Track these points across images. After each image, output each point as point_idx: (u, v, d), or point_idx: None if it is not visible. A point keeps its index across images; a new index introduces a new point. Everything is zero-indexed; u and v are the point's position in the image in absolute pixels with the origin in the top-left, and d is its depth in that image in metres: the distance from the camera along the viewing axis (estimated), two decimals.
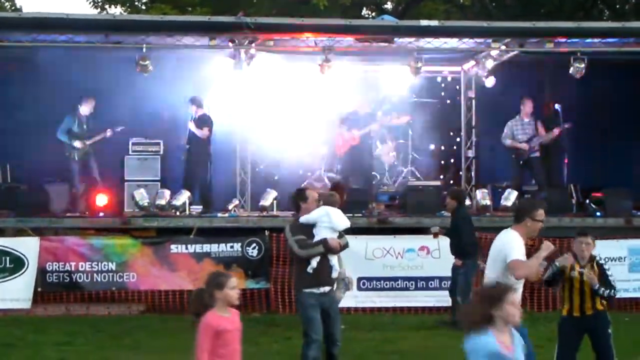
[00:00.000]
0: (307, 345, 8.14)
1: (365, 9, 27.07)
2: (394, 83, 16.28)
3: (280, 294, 12.48)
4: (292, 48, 13.78)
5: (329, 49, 13.32)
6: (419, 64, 13.29)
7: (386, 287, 12.70)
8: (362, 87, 16.25)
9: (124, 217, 13.43)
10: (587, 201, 14.20)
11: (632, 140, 15.87)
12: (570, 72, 13.31)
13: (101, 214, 13.61)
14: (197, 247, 12.67)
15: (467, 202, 13.01)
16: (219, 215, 13.58)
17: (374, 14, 26.37)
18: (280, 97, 16.58)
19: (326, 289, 8.34)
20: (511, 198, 13.95)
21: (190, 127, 14.55)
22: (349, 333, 10.07)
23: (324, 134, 16.32)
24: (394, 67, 15.31)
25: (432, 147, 17.01)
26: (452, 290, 11.55)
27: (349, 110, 16.01)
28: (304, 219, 8.45)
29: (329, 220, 8.42)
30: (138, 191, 13.79)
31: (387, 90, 16.87)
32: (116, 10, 25.41)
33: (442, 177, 16.56)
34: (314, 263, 8.24)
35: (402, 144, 16.48)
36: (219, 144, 14.98)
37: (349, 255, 9.88)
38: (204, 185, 14.50)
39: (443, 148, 17.05)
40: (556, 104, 15.16)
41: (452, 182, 16.39)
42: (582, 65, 13.22)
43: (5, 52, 13.37)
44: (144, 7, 25.40)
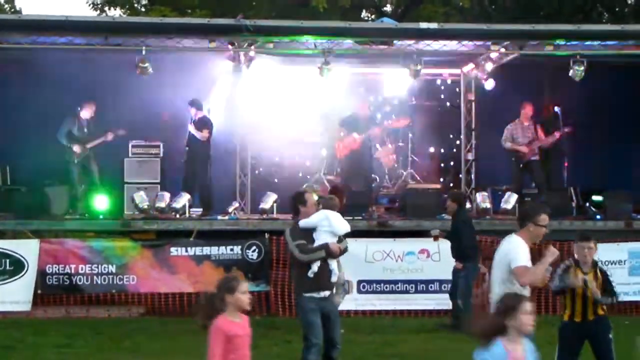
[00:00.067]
0: (308, 350, 8.12)
1: (364, 11, 27.09)
2: (394, 86, 16.28)
3: (280, 296, 12.47)
4: (292, 50, 13.76)
5: (329, 52, 13.32)
6: (419, 67, 13.28)
7: (386, 290, 12.69)
8: (362, 90, 16.26)
9: (124, 219, 13.42)
10: (587, 204, 14.20)
11: (631, 143, 15.86)
12: (570, 74, 13.30)
13: (101, 217, 13.61)
14: (197, 250, 12.66)
15: (467, 205, 13.01)
16: (219, 217, 13.56)
17: (373, 16, 26.37)
18: (280, 99, 16.59)
19: (326, 293, 8.31)
20: (511, 201, 13.93)
21: (190, 129, 14.54)
22: (349, 336, 10.06)
23: (324, 136, 16.34)
24: (394, 70, 15.30)
25: (431, 149, 17.02)
26: (453, 293, 11.55)
27: (349, 113, 16.01)
28: (303, 223, 8.38)
29: (329, 225, 8.35)
30: (138, 194, 13.77)
31: (386, 93, 16.88)
32: (115, 13, 25.45)
33: (442, 180, 16.55)
34: (315, 267, 8.19)
35: (402, 146, 16.47)
36: (219, 146, 14.98)
37: (349, 258, 9.88)
38: (203, 188, 14.49)
39: (443, 151, 17.06)
40: (556, 107, 15.16)
41: (452, 185, 16.40)
42: (582, 67, 13.21)
43: (5, 54, 13.38)
44: (143, 9, 25.42)
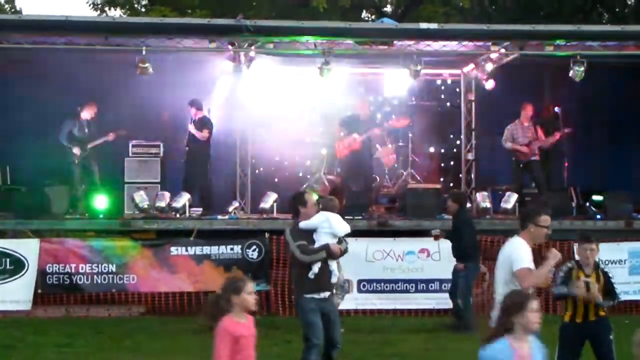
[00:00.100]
0: (308, 350, 8.12)
1: (364, 11, 27.11)
2: (394, 86, 16.28)
3: (280, 296, 12.47)
4: (292, 50, 13.76)
5: (329, 52, 13.31)
6: (419, 67, 13.28)
7: (386, 290, 12.69)
8: (362, 90, 16.27)
9: (124, 219, 13.42)
10: (587, 204, 14.20)
11: (632, 143, 15.88)
12: (570, 75, 13.30)
13: (101, 216, 13.61)
14: (197, 249, 12.66)
15: (467, 204, 13.00)
16: (219, 217, 13.56)
17: (373, 16, 26.38)
18: (280, 99, 16.59)
19: (326, 294, 8.32)
20: (511, 201, 13.94)
21: (190, 129, 14.55)
22: (349, 335, 10.05)
23: (324, 136, 16.34)
24: (394, 70, 15.30)
25: (431, 149, 17.03)
26: (453, 293, 11.55)
27: (349, 113, 16.01)
28: (304, 225, 8.37)
29: (329, 226, 8.36)
30: (138, 193, 13.77)
31: (386, 93, 16.88)
32: (116, 13, 25.46)
33: (442, 179, 16.55)
34: (316, 269, 8.19)
35: (402, 146, 16.46)
36: (219, 146, 14.98)
37: (349, 258, 9.88)
38: (203, 187, 14.50)
39: (443, 151, 17.07)
40: (556, 107, 15.16)
41: (452, 184, 16.41)
42: (582, 68, 13.21)
43: (5, 54, 13.36)
44: (143, 9, 25.43)
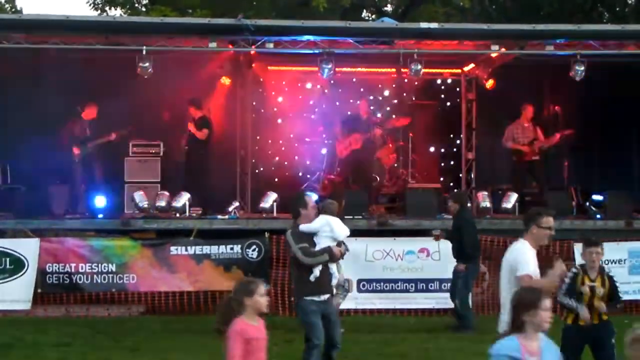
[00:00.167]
0: (309, 350, 8.15)
1: (365, 11, 27.09)
2: (394, 85, 16.28)
3: (280, 296, 12.45)
4: (292, 50, 13.73)
5: (329, 52, 13.30)
6: (419, 67, 13.27)
7: (386, 289, 12.68)
8: (362, 90, 16.27)
9: (124, 218, 13.41)
10: (587, 204, 14.19)
11: (632, 143, 15.87)
12: (571, 74, 13.29)
13: (101, 216, 13.61)
14: (197, 249, 12.64)
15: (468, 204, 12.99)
16: (219, 217, 13.56)
17: (373, 16, 26.37)
18: (280, 99, 16.62)
19: (327, 296, 8.37)
20: (511, 201, 13.93)
21: (189, 128, 14.54)
22: (349, 335, 10.05)
23: (324, 136, 16.35)
24: (394, 70, 15.29)
25: (432, 149, 17.04)
26: (453, 293, 11.55)
27: (349, 113, 16.02)
28: (305, 228, 8.38)
29: (330, 230, 8.42)
30: (138, 193, 13.77)
31: (387, 93, 16.90)
32: (116, 13, 25.42)
33: (442, 179, 16.56)
34: (317, 271, 8.22)
35: (402, 146, 16.48)
36: (219, 146, 14.98)
37: (349, 258, 9.89)
38: (203, 187, 14.49)
39: (443, 150, 17.08)
40: (556, 107, 15.15)
41: (452, 184, 16.40)
42: (583, 67, 13.20)
43: (6, 53, 13.36)
44: (144, 9, 25.39)
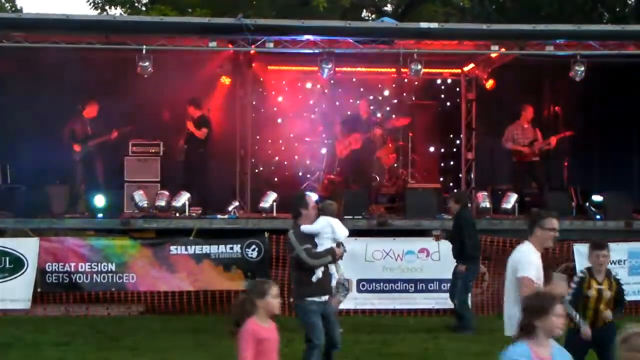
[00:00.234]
0: (310, 351, 8.20)
1: (365, 11, 27.07)
2: (394, 85, 16.27)
3: (280, 295, 12.41)
4: (292, 49, 13.74)
5: (329, 51, 13.30)
6: (419, 66, 13.27)
7: (386, 290, 12.67)
8: (362, 89, 16.27)
9: (124, 218, 13.41)
10: (587, 204, 14.19)
11: (631, 143, 15.88)
12: (571, 75, 13.29)
13: (101, 215, 13.60)
14: (197, 249, 12.65)
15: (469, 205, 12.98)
16: (219, 216, 13.55)
17: (373, 16, 26.36)
18: (280, 99, 16.62)
19: (327, 297, 8.44)
20: (511, 201, 13.92)
21: (188, 127, 14.54)
22: (349, 335, 10.06)
23: (324, 136, 16.35)
24: (394, 69, 15.29)
25: (431, 149, 17.04)
26: (453, 293, 11.55)
27: (349, 113, 16.03)
28: (307, 229, 8.43)
29: (332, 232, 8.51)
30: (138, 192, 13.76)
31: (387, 93, 16.90)
32: (116, 12, 25.39)
33: (442, 179, 16.56)
34: (319, 273, 8.29)
35: (402, 146, 16.48)
36: (219, 145, 14.97)
37: (349, 258, 9.88)
38: (203, 187, 14.49)
39: (443, 150, 17.08)
40: (556, 107, 15.15)
41: (451, 184, 16.41)
42: (582, 68, 13.19)
43: (6, 52, 13.35)
44: (144, 8, 25.38)
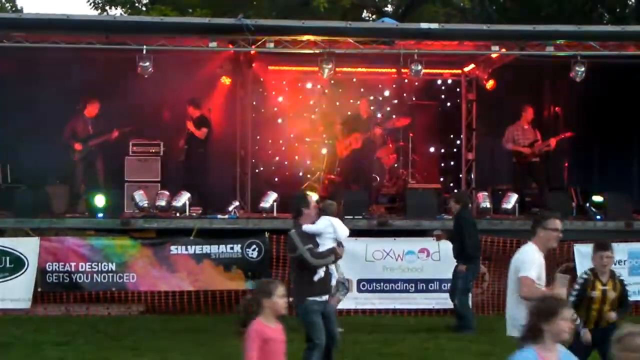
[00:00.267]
0: (311, 350, 8.20)
1: (365, 11, 27.07)
2: (394, 85, 16.27)
3: None
4: (292, 50, 13.75)
5: (329, 51, 13.31)
6: (419, 67, 13.27)
7: (386, 289, 12.68)
8: (362, 90, 16.27)
9: (124, 218, 13.41)
10: (587, 204, 14.19)
11: (632, 144, 15.88)
12: (571, 75, 13.29)
13: (101, 215, 13.60)
14: (197, 249, 12.65)
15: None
16: (219, 216, 13.55)
17: (374, 16, 26.35)
18: (281, 99, 16.62)
19: (327, 296, 8.48)
20: (511, 201, 13.92)
21: (188, 127, 14.54)
22: (349, 335, 10.05)
23: (324, 136, 16.35)
24: (394, 70, 15.29)
25: (432, 149, 17.04)
26: (453, 293, 11.55)
27: (350, 113, 16.02)
28: (309, 229, 8.46)
29: (333, 232, 8.56)
30: (138, 192, 13.76)
31: (387, 93, 16.90)
32: (116, 12, 25.40)
33: (442, 179, 16.56)
34: (322, 272, 8.34)
35: (402, 146, 16.48)
36: (219, 145, 14.97)
37: (349, 258, 9.88)
38: (203, 187, 14.49)
39: (443, 151, 17.08)
40: (556, 108, 15.14)
41: (452, 184, 16.41)
42: (583, 68, 13.19)
43: (6, 52, 13.36)
44: (144, 8, 25.39)
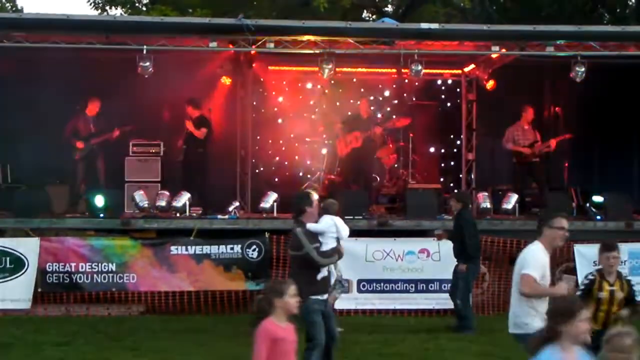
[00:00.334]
0: (311, 350, 8.20)
1: (365, 11, 27.07)
2: (395, 85, 16.26)
3: None
4: (293, 50, 13.76)
5: (329, 52, 13.31)
6: (420, 67, 13.28)
7: (386, 290, 12.67)
8: (362, 90, 16.27)
9: (124, 218, 13.41)
10: (588, 205, 14.19)
11: (632, 144, 15.88)
12: (571, 75, 13.29)
13: (101, 215, 13.59)
14: (197, 249, 12.65)
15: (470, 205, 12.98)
16: (219, 217, 13.55)
17: (374, 16, 26.35)
18: (281, 99, 16.62)
19: (327, 295, 8.53)
20: (511, 201, 13.92)
21: (188, 127, 14.54)
22: (349, 335, 10.06)
23: (324, 136, 16.35)
24: (395, 70, 15.29)
25: (432, 149, 17.04)
26: (453, 293, 11.55)
27: (350, 113, 16.02)
28: (313, 228, 8.50)
29: (336, 231, 8.62)
30: (138, 192, 13.76)
31: (387, 93, 16.90)
32: (116, 12, 25.40)
33: (442, 179, 16.57)
34: (325, 271, 8.41)
35: (403, 146, 16.48)
36: (219, 145, 14.97)
37: (349, 258, 9.88)
38: (203, 187, 14.49)
39: (443, 151, 17.08)
40: (557, 108, 15.14)
41: (452, 185, 16.41)
42: (583, 68, 13.19)
43: (6, 52, 13.35)
44: (144, 8, 25.39)
